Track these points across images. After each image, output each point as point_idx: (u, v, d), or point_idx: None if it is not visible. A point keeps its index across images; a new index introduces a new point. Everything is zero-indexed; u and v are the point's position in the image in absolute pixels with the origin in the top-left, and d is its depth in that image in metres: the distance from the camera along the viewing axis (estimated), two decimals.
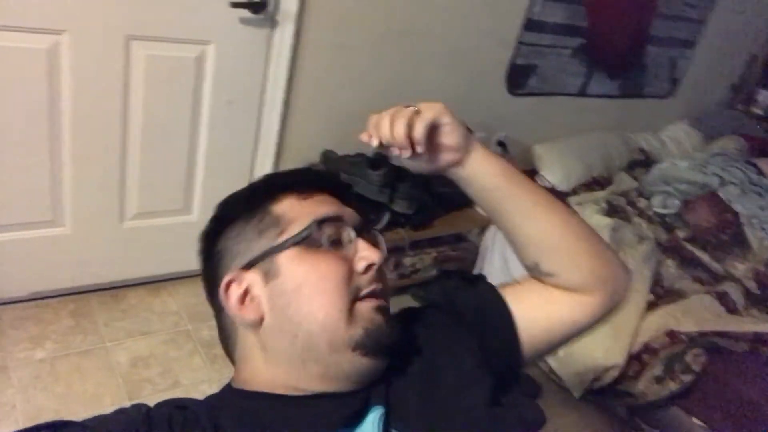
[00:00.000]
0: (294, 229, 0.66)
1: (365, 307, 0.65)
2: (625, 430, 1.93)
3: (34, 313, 1.85)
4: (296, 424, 0.62)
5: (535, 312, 0.76)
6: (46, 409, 1.56)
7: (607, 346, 1.95)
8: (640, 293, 2.06)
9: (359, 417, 0.63)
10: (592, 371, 1.96)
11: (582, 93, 2.90)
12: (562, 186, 2.71)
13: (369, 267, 0.66)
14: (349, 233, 0.68)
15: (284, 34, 1.84)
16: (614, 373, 1.93)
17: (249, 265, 0.67)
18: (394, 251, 2.17)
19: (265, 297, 0.66)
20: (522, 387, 2.03)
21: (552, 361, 2.09)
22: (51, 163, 1.70)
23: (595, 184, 2.76)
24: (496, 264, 2.42)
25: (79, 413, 1.58)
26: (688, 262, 2.31)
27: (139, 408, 0.61)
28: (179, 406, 0.63)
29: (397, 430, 0.63)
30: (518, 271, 2.46)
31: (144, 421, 0.59)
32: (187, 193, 1.96)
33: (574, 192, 2.70)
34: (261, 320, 0.66)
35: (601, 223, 2.35)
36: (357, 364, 0.64)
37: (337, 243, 0.67)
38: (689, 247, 2.43)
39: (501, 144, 2.70)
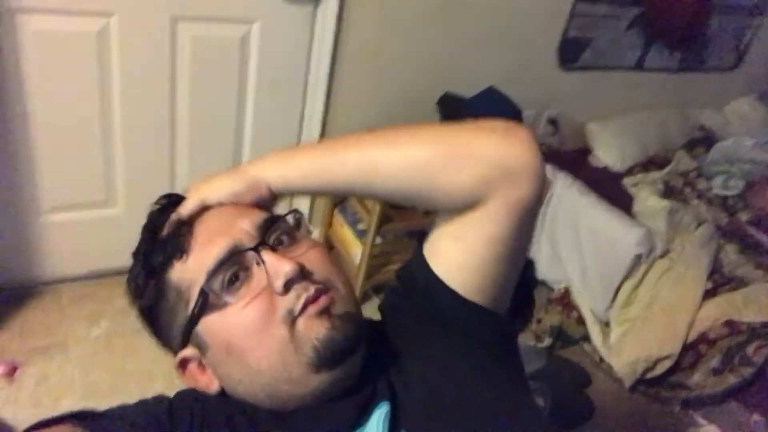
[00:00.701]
0: (194, 295, 0.59)
1: (304, 324, 0.57)
2: (677, 424, 1.86)
3: (92, 291, 1.92)
4: (300, 428, 0.61)
5: (452, 258, 0.67)
6: (103, 383, 1.63)
7: (661, 335, 1.88)
8: (696, 280, 1.97)
9: (363, 416, 0.61)
10: (645, 361, 1.90)
11: (639, 67, 2.75)
12: (617, 166, 2.61)
13: (287, 283, 0.57)
14: (251, 257, 0.59)
15: (327, 12, 1.80)
16: (668, 364, 1.87)
17: (183, 345, 0.63)
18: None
19: (211, 368, 0.63)
20: (573, 377, 1.99)
21: (603, 350, 2.04)
22: (103, 145, 1.74)
23: (651, 164, 2.64)
24: (544, 249, 2.36)
25: (132, 390, 1.65)
26: (750, 247, 2.19)
27: (161, 400, 0.61)
28: (197, 399, 0.62)
29: (405, 429, 0.61)
30: (568, 258, 2.37)
31: (167, 412, 0.58)
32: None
33: (630, 172, 2.59)
34: (222, 389, 0.63)
35: (658, 205, 2.25)
36: (329, 379, 0.59)
37: (242, 276, 0.58)
38: (752, 231, 2.30)
39: (552, 122, 2.60)
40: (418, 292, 0.69)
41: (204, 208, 0.63)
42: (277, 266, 0.57)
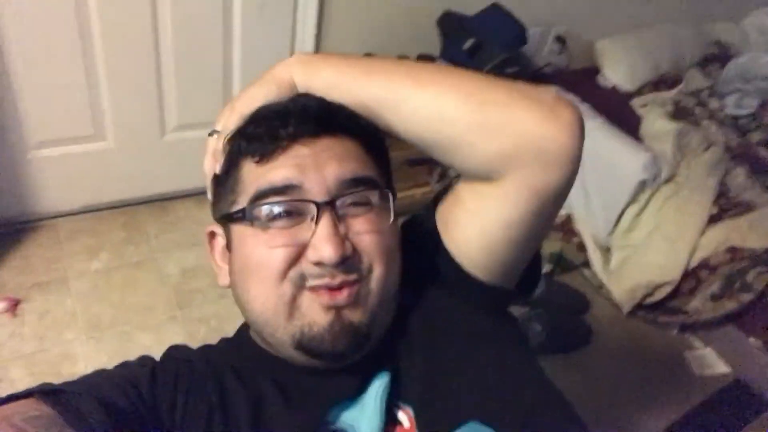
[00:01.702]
0: (242, 201, 0.58)
1: (310, 301, 0.56)
2: (674, 347, 1.88)
3: (89, 225, 1.91)
4: (291, 395, 0.59)
5: (463, 233, 0.63)
6: (104, 316, 1.65)
7: (662, 262, 1.87)
8: (701, 206, 1.93)
9: (362, 388, 0.59)
10: (644, 287, 1.90)
11: None
12: (627, 85, 2.50)
13: (319, 263, 0.55)
14: (311, 209, 0.56)
15: None
16: (667, 290, 1.87)
17: (220, 221, 0.63)
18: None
19: (228, 264, 0.63)
20: (571, 302, 1.99)
21: (603, 276, 2.04)
22: (87, 77, 1.67)
23: (662, 83, 2.53)
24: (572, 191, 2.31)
25: (133, 321, 1.67)
26: (760, 170, 2.13)
27: (144, 362, 0.60)
28: (186, 360, 0.61)
29: (403, 402, 0.59)
30: (598, 200, 2.31)
31: (149, 376, 0.57)
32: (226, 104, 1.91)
33: (639, 92, 2.49)
34: (229, 286, 0.63)
35: (666, 127, 2.17)
36: (306, 361, 0.58)
37: (293, 217, 0.56)
38: (763, 152, 2.23)
39: (559, 40, 2.47)
40: (423, 254, 0.65)
41: (316, 133, 0.58)
42: (324, 241, 0.54)
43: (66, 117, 1.72)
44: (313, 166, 0.56)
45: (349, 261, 0.55)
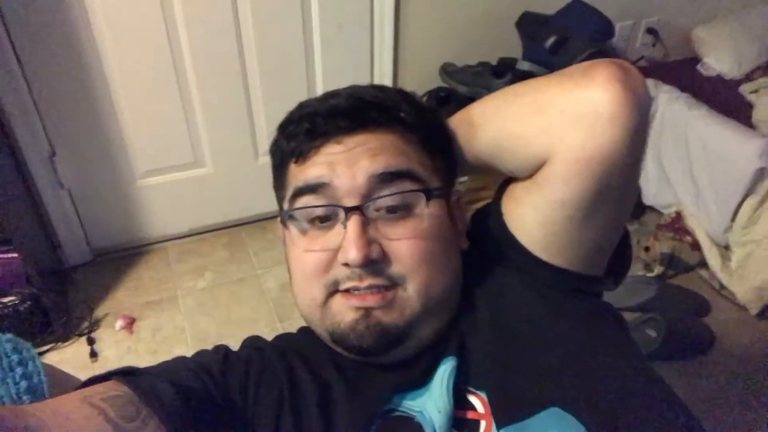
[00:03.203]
0: (287, 198, 0.61)
1: (340, 303, 0.57)
2: None
3: (195, 247, 2.04)
4: (355, 382, 0.60)
5: (524, 219, 0.61)
6: (210, 332, 1.73)
7: None
8: None
9: (428, 374, 0.58)
10: None
11: None
12: (733, 72, 2.30)
13: (346, 264, 0.56)
14: (338, 211, 0.56)
15: None
16: None
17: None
18: None
19: None
20: (688, 305, 1.83)
21: (722, 275, 1.85)
22: (183, 108, 1.80)
23: None
24: (650, 171, 2.16)
25: (237, 335, 1.72)
26: None
27: (217, 350, 0.62)
28: (258, 348, 0.64)
29: (474, 386, 0.56)
30: (678, 179, 2.16)
31: (221, 362, 0.60)
32: None
33: (748, 78, 2.28)
34: None
35: None
36: (346, 355, 0.60)
37: (325, 217, 0.58)
38: None
39: (651, 31, 2.35)
40: (493, 241, 0.64)
41: (349, 130, 0.59)
42: (351, 243, 0.54)
43: (167, 147, 1.86)
44: (345, 162, 0.57)
45: (376, 264, 0.55)
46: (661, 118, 2.10)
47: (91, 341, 1.67)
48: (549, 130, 0.55)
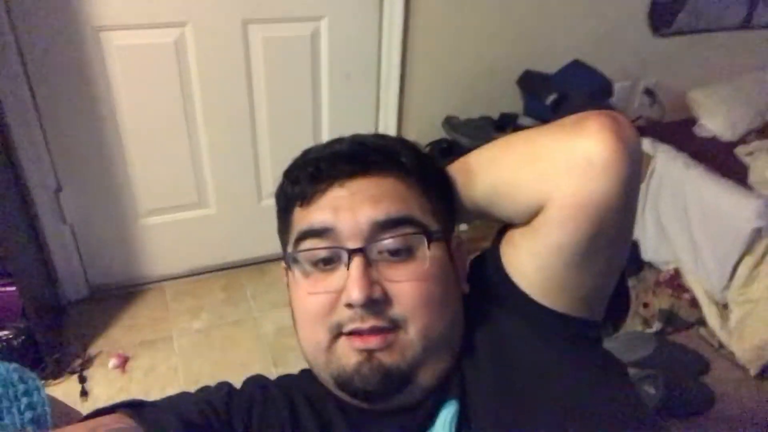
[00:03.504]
0: (291, 241, 0.61)
1: (344, 346, 0.57)
2: None
3: (192, 287, 2.03)
4: (357, 426, 0.60)
5: (522, 264, 0.61)
6: (204, 374, 1.71)
7: None
8: None
9: (431, 418, 0.58)
10: None
11: (746, 25, 2.48)
12: (727, 135, 2.36)
13: (349, 305, 0.56)
14: (341, 253, 0.57)
15: None
16: None
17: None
18: None
19: None
20: (687, 363, 1.81)
21: (722, 334, 1.84)
22: (191, 150, 1.84)
23: None
24: (649, 227, 2.19)
25: (230, 378, 1.71)
26: None
27: (220, 386, 0.62)
28: (262, 386, 0.63)
29: (474, 427, 0.56)
30: (676, 236, 2.18)
31: (225, 399, 0.60)
32: None
33: (743, 141, 2.34)
34: None
35: None
36: (351, 401, 0.59)
37: (328, 260, 0.58)
38: None
39: (649, 92, 2.42)
40: (492, 286, 0.64)
41: (352, 174, 0.60)
42: (354, 283, 0.55)
43: (173, 187, 1.89)
44: (348, 207, 0.57)
45: (378, 305, 0.56)
46: (659, 177, 2.14)
47: (82, 379, 1.64)
48: (544, 178, 0.56)
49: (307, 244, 0.58)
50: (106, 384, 1.65)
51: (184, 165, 1.85)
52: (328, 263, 0.58)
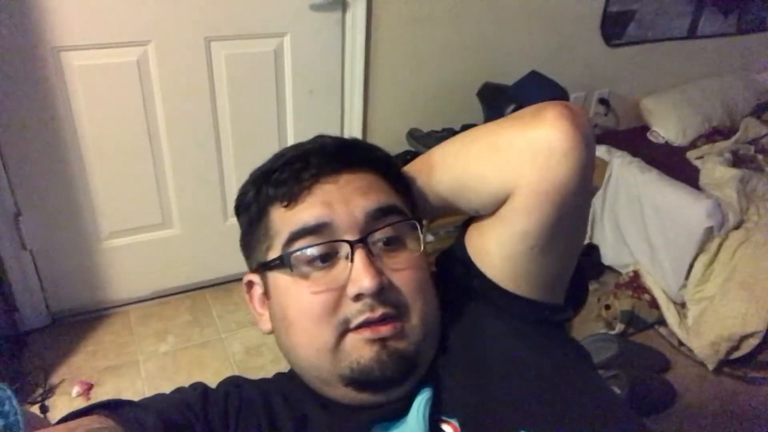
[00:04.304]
0: (276, 245, 0.60)
1: (354, 341, 0.56)
2: None
3: (157, 310, 2.00)
4: (334, 416, 0.59)
5: (488, 252, 0.63)
6: None
7: (743, 311, 1.74)
8: None
9: (404, 407, 0.58)
10: (728, 340, 1.76)
11: (691, 35, 2.60)
12: (679, 140, 2.47)
13: (360, 295, 0.55)
14: (344, 248, 0.57)
15: (356, 15, 1.82)
16: (754, 342, 1.72)
17: (256, 271, 0.64)
18: None
19: (269, 311, 0.64)
20: (649, 362, 1.86)
21: (680, 331, 1.91)
22: (155, 170, 1.81)
23: (717, 134, 2.48)
24: (608, 232, 2.25)
25: None
26: None
27: (195, 387, 0.62)
28: (236, 385, 0.63)
29: (447, 415, 0.57)
30: (633, 239, 2.26)
31: (201, 397, 0.59)
32: None
33: (693, 145, 2.44)
34: (272, 332, 0.64)
35: (727, 174, 2.10)
36: (356, 398, 0.58)
37: (329, 260, 0.57)
38: None
39: (603, 102, 2.50)
40: (459, 278, 0.66)
41: (337, 170, 0.60)
42: (360, 274, 0.55)
43: (136, 208, 1.86)
44: (341, 201, 0.58)
45: (386, 293, 0.56)
46: (615, 182, 2.21)
47: (44, 409, 1.59)
48: (509, 168, 0.58)
49: (302, 243, 0.57)
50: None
51: (147, 185, 1.83)
52: (325, 260, 0.57)
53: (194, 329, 1.94)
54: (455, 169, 0.64)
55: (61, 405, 1.62)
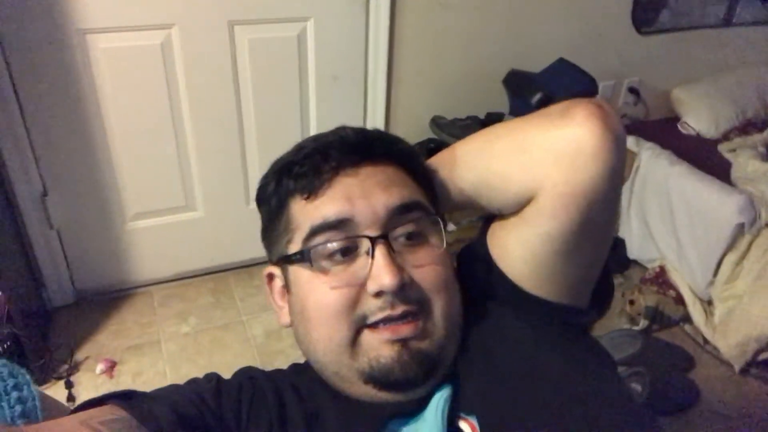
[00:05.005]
0: (297, 239, 0.59)
1: (372, 339, 0.56)
2: None
3: (179, 291, 2.02)
4: (349, 411, 0.59)
5: (511, 254, 0.62)
6: (191, 377, 1.70)
7: None
8: None
9: (422, 403, 0.58)
10: (756, 341, 1.71)
11: (727, 23, 2.52)
12: (710, 132, 2.40)
13: (379, 293, 0.54)
14: (365, 243, 0.56)
15: (380, 1, 1.80)
16: None
17: (276, 264, 0.64)
18: None
19: (289, 305, 0.64)
20: (673, 360, 1.83)
21: (706, 331, 1.87)
22: (178, 152, 1.83)
23: (751, 126, 2.40)
24: (634, 226, 2.21)
25: None
26: None
27: (209, 378, 0.62)
28: (250, 377, 0.63)
29: (466, 413, 0.56)
30: (660, 234, 2.20)
31: (214, 389, 0.59)
32: None
33: (726, 138, 2.37)
34: (290, 325, 0.64)
35: (761, 169, 2.03)
36: (375, 396, 0.57)
37: (350, 254, 0.57)
38: None
39: (633, 91, 2.44)
40: (480, 277, 0.65)
41: (357, 163, 0.59)
42: (381, 271, 0.54)
43: (160, 190, 1.88)
44: (361, 195, 0.57)
45: (407, 290, 0.55)
46: (644, 174, 2.16)
47: (69, 385, 1.63)
48: (534, 168, 0.57)
49: (323, 237, 0.57)
50: (93, 389, 1.64)
51: (171, 168, 1.84)
52: (345, 254, 0.56)
53: (216, 311, 1.96)
54: (478, 166, 0.62)
55: (85, 381, 1.66)
